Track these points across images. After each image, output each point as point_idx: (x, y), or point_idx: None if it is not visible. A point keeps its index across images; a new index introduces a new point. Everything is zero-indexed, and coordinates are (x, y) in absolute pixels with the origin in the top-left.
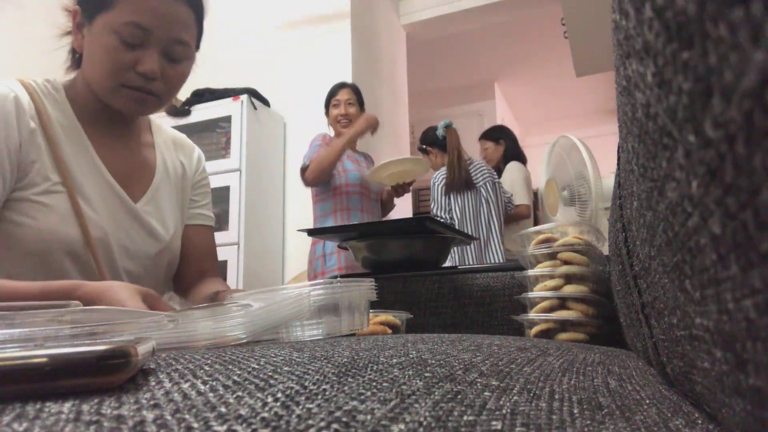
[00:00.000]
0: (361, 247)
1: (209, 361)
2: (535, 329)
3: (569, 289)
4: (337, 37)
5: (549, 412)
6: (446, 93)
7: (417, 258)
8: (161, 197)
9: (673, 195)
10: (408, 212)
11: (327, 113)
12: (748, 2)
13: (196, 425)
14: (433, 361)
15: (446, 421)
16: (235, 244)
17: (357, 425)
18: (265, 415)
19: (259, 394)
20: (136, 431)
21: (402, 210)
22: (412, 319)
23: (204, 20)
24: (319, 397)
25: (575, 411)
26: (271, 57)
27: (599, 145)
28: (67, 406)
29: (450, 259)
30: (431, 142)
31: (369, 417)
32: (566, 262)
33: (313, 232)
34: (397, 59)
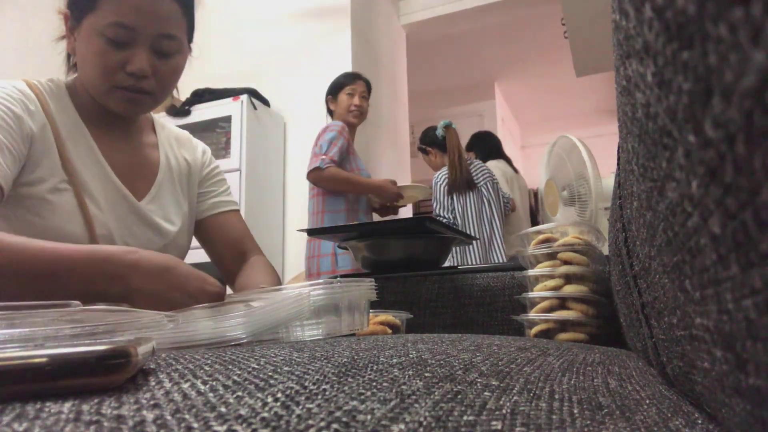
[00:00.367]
0: (361, 247)
1: (209, 361)
2: (535, 329)
3: (569, 289)
4: (337, 38)
5: (549, 412)
6: (446, 93)
7: (417, 258)
8: (165, 195)
9: (673, 195)
10: (408, 212)
11: (332, 99)
12: (748, 2)
13: (196, 425)
14: (433, 361)
15: (446, 421)
16: None
17: (357, 425)
18: (265, 415)
19: (259, 394)
20: (136, 431)
21: (402, 210)
22: (412, 319)
23: (195, 11)
24: (319, 397)
25: (575, 411)
26: (271, 57)
27: (599, 145)
28: (67, 406)
29: (452, 259)
30: (431, 142)
31: (369, 417)
32: (566, 262)
33: (313, 232)
34: (397, 59)
